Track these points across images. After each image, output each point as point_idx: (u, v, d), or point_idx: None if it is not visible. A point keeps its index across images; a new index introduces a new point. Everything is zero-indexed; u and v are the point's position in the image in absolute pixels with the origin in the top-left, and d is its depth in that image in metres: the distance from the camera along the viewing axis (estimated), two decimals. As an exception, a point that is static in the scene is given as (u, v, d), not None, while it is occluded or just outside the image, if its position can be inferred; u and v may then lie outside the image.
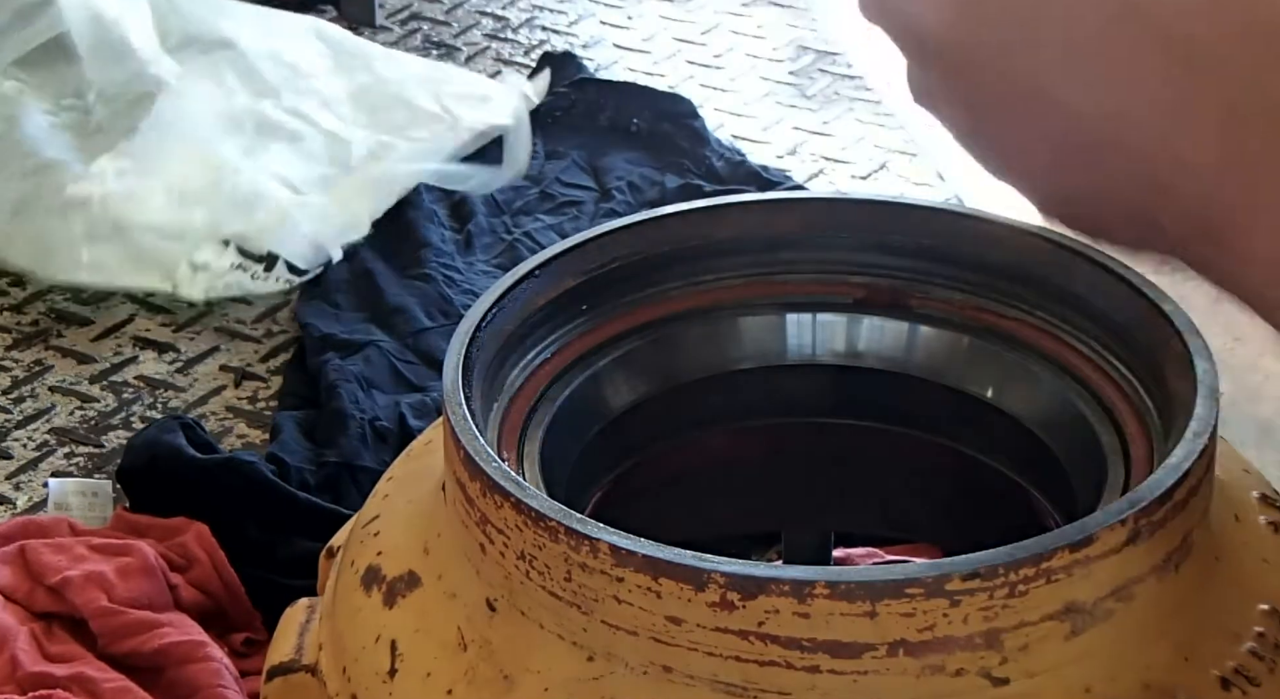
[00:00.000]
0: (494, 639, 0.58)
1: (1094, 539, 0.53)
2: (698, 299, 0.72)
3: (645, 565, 0.53)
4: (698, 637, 0.54)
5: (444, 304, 1.33)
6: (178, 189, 1.38)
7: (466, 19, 1.81)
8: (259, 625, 1.04)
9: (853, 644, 0.53)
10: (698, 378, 0.72)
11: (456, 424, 0.59)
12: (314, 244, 1.37)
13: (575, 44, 1.76)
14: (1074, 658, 0.54)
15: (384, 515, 0.65)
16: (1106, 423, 0.66)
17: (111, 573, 1.00)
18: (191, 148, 1.41)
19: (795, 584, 0.52)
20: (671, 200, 1.39)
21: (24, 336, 1.34)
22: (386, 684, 0.59)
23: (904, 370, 0.72)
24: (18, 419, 1.25)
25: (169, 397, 1.28)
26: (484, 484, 0.57)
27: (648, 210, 0.72)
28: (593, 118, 1.59)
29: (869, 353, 0.73)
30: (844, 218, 0.72)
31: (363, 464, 1.15)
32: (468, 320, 0.65)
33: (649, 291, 0.72)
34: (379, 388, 1.24)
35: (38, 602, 1.00)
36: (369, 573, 0.62)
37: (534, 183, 1.50)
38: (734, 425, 0.74)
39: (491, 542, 0.57)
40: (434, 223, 1.43)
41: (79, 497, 1.13)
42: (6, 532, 1.06)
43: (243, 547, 1.07)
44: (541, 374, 0.68)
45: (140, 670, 0.96)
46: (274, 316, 1.36)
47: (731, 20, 1.82)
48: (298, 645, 0.65)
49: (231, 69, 1.53)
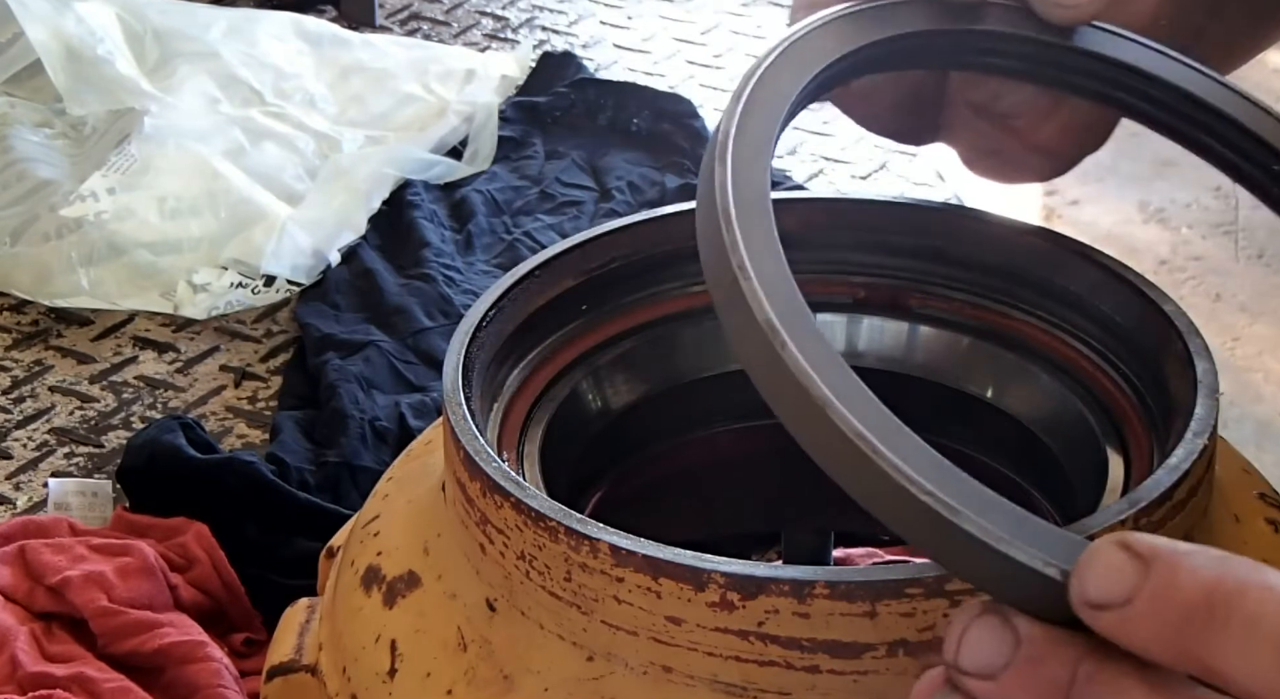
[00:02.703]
0: (494, 639, 0.58)
1: (1094, 539, 0.53)
2: (698, 299, 0.72)
3: (645, 565, 0.53)
4: (698, 637, 0.54)
5: (444, 304, 1.33)
6: (170, 204, 1.39)
7: (466, 19, 1.81)
8: (259, 625, 1.04)
9: (853, 644, 0.53)
10: (698, 378, 0.72)
11: (456, 424, 0.59)
12: (312, 254, 1.37)
13: (575, 44, 1.76)
14: (1074, 658, 0.54)
15: (384, 515, 0.65)
16: (1106, 423, 0.66)
17: (111, 573, 1.00)
18: (180, 161, 1.41)
19: (795, 584, 0.52)
20: (671, 200, 1.40)
21: (24, 336, 1.34)
22: (386, 684, 0.59)
23: (904, 370, 0.72)
24: (18, 419, 1.25)
25: (169, 397, 1.28)
26: (484, 484, 0.57)
27: (648, 210, 0.72)
28: (593, 118, 1.59)
29: (869, 353, 0.73)
30: (844, 218, 0.72)
31: (363, 464, 1.15)
32: (468, 320, 0.65)
33: (649, 291, 0.72)
34: (379, 388, 1.24)
35: (38, 602, 1.00)
36: (369, 573, 0.62)
37: (534, 183, 1.50)
38: (734, 425, 0.74)
39: (491, 542, 0.57)
40: (434, 223, 1.43)
41: (79, 497, 1.13)
42: (6, 532, 1.05)
43: (243, 547, 1.07)
44: (541, 374, 0.69)
45: (140, 670, 0.96)
46: (274, 317, 1.36)
47: (731, 20, 1.82)
48: (298, 645, 0.65)
49: (213, 79, 1.53)
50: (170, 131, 1.44)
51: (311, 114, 1.53)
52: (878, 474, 0.45)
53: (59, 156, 1.46)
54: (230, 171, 1.42)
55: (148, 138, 1.43)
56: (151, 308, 1.36)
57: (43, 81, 1.51)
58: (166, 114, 1.46)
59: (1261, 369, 1.29)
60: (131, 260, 1.36)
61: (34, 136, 1.48)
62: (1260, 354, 1.28)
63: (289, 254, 1.37)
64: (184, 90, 1.51)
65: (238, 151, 1.46)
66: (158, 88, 1.50)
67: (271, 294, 1.37)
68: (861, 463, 0.45)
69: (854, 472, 0.45)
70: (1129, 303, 0.65)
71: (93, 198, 1.39)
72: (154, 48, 1.56)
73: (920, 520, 0.45)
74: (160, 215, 1.38)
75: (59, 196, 1.39)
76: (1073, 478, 0.67)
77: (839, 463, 0.46)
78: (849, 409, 0.46)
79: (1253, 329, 1.38)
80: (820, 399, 0.46)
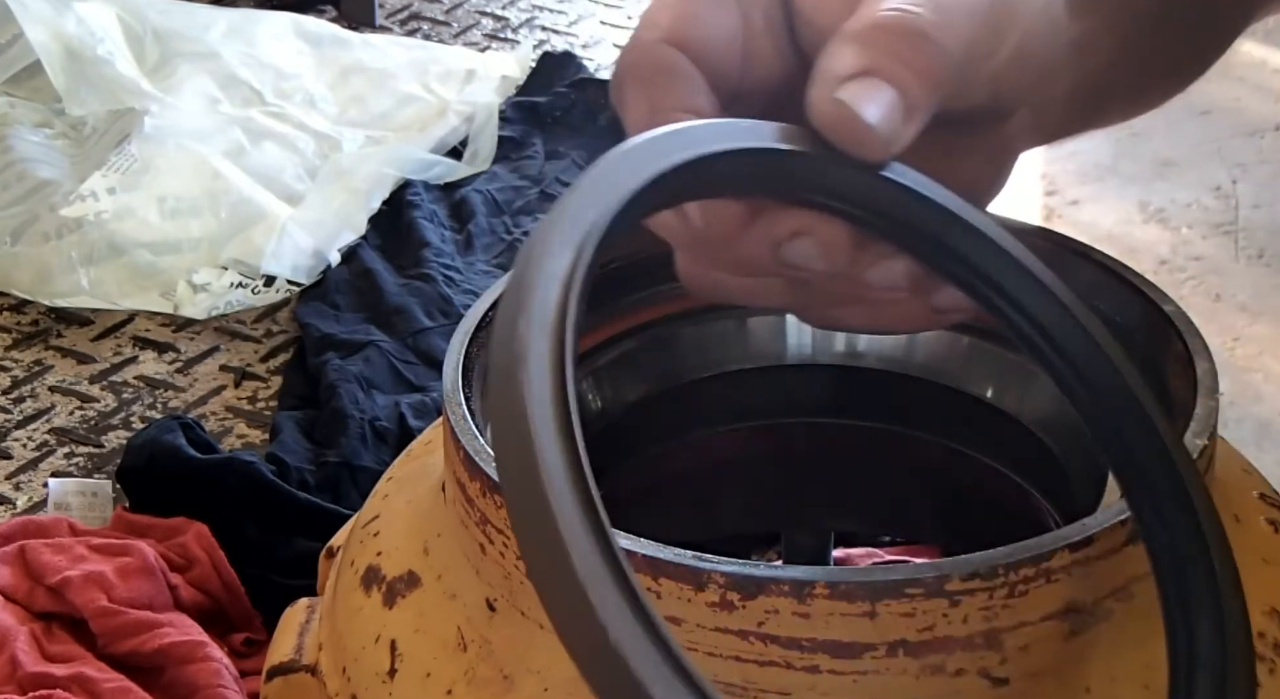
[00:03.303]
0: (494, 639, 0.58)
1: (1094, 539, 0.53)
2: (697, 299, 0.72)
3: (645, 565, 0.53)
4: (698, 637, 0.54)
5: (444, 304, 1.33)
6: (170, 204, 1.39)
7: (466, 19, 1.81)
8: (259, 625, 1.04)
9: (853, 644, 0.53)
10: (698, 378, 0.72)
11: (456, 424, 0.59)
12: (312, 254, 1.38)
13: (575, 44, 1.76)
14: (1074, 658, 0.54)
15: (384, 515, 0.65)
16: (1106, 423, 0.65)
17: (111, 573, 1.00)
18: (180, 161, 1.42)
19: (795, 584, 0.52)
20: (671, 200, 1.39)
21: (24, 336, 1.34)
22: (386, 684, 0.59)
23: (904, 370, 0.72)
24: (18, 419, 1.25)
25: (169, 397, 1.28)
26: (484, 484, 0.57)
27: (648, 210, 0.72)
28: (593, 118, 1.59)
29: (869, 353, 0.73)
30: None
31: (363, 464, 1.15)
32: (468, 320, 0.65)
33: (649, 291, 0.72)
34: (379, 388, 1.24)
35: (38, 602, 1.00)
36: (369, 573, 0.62)
37: (534, 183, 1.50)
38: (734, 425, 0.74)
39: (491, 542, 0.57)
40: (434, 223, 1.43)
41: (79, 497, 1.13)
42: (6, 532, 1.06)
43: (243, 547, 1.07)
44: (541, 374, 0.68)
45: (140, 670, 0.96)
46: (274, 317, 1.36)
47: (731, 20, 1.82)
48: (298, 645, 0.65)
49: (213, 79, 1.54)
50: (170, 131, 1.44)
51: (311, 114, 1.53)
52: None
53: (59, 156, 1.46)
54: (230, 171, 1.42)
55: (148, 138, 1.43)
56: (151, 308, 1.36)
57: (43, 81, 1.51)
58: (166, 114, 1.46)
59: (1261, 369, 1.29)
60: (131, 260, 1.36)
61: (34, 136, 1.48)
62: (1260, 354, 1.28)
63: (289, 254, 1.37)
64: (184, 90, 1.51)
65: (238, 151, 1.46)
66: (158, 88, 1.50)
67: (271, 294, 1.37)
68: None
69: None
70: (1129, 303, 0.65)
71: (93, 198, 1.39)
72: (154, 48, 1.56)
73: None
74: (160, 215, 1.38)
75: (59, 196, 1.39)
76: (1073, 478, 0.67)
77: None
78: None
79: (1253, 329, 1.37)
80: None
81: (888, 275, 0.53)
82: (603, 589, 0.39)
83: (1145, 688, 0.55)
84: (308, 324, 1.32)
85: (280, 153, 1.48)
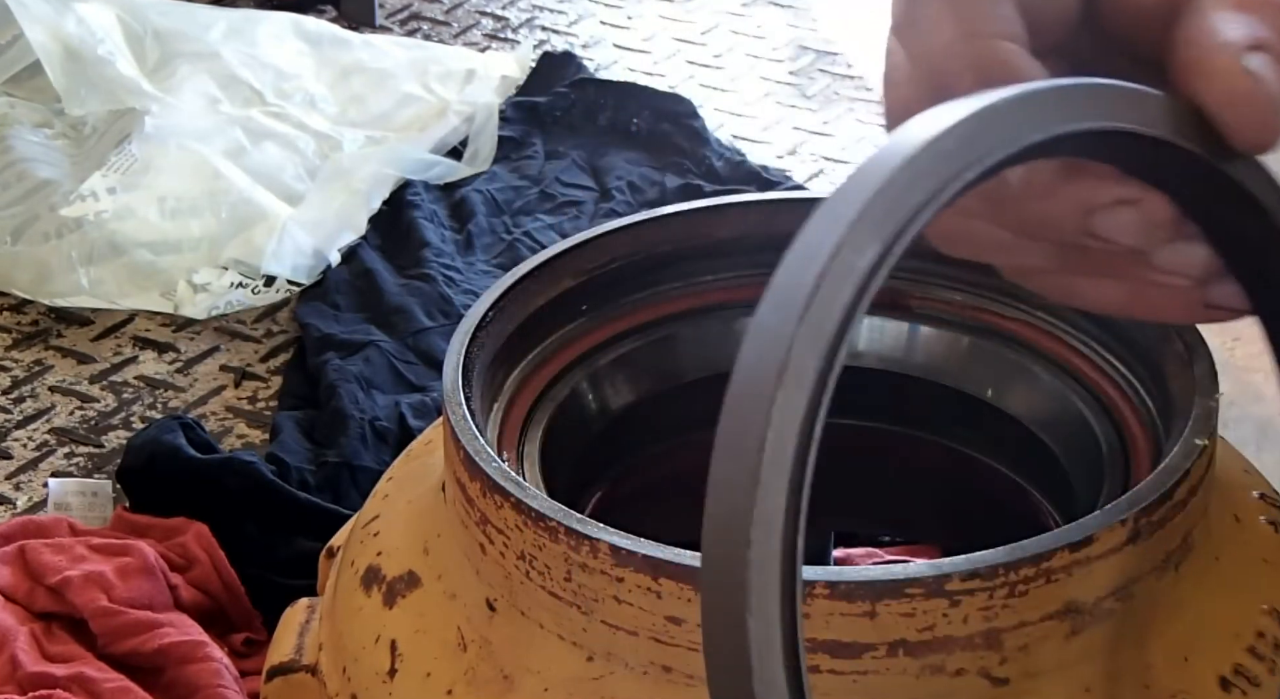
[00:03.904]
0: (494, 639, 0.58)
1: (1094, 539, 0.53)
2: (698, 299, 0.72)
3: (645, 565, 0.53)
4: (698, 637, 0.53)
5: (444, 304, 1.33)
6: (170, 204, 1.39)
7: (466, 19, 1.81)
8: (259, 625, 1.04)
9: (853, 644, 0.53)
10: (698, 378, 0.72)
11: (456, 424, 0.59)
12: (312, 254, 1.38)
13: (575, 44, 1.76)
14: (1074, 658, 0.54)
15: (384, 515, 0.65)
16: (1106, 423, 0.66)
17: (111, 573, 1.00)
18: (180, 161, 1.42)
19: (795, 584, 0.52)
20: (671, 200, 1.39)
21: (24, 336, 1.34)
22: (386, 684, 0.59)
23: (904, 370, 0.72)
24: (18, 419, 1.25)
25: (169, 397, 1.28)
26: (484, 484, 0.57)
27: (648, 210, 0.72)
28: (593, 118, 1.59)
29: (869, 353, 0.73)
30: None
31: (363, 464, 1.15)
32: (468, 320, 0.65)
33: (649, 291, 0.72)
34: (379, 388, 1.24)
35: (38, 602, 1.00)
36: (369, 573, 0.62)
37: (534, 183, 1.50)
38: (734, 425, 0.74)
39: (491, 542, 0.57)
40: (434, 223, 1.43)
41: (79, 497, 1.13)
42: (6, 532, 1.06)
43: (243, 547, 1.07)
44: (541, 374, 0.68)
45: (140, 670, 0.96)
46: (274, 317, 1.36)
47: (731, 20, 1.82)
48: (298, 645, 0.65)
49: (214, 79, 1.54)
50: (170, 131, 1.44)
51: (311, 114, 1.53)
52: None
53: (59, 156, 1.46)
54: (230, 171, 1.42)
55: (148, 138, 1.43)
56: (151, 308, 1.36)
57: (43, 81, 1.51)
58: (167, 114, 1.46)
59: (1261, 369, 1.29)
60: (131, 260, 1.36)
61: (34, 136, 1.48)
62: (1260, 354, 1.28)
63: (289, 254, 1.37)
64: (184, 90, 1.51)
65: (238, 151, 1.46)
66: (158, 88, 1.50)
67: (271, 294, 1.37)
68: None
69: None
70: (1129, 303, 0.65)
71: (93, 197, 1.39)
72: (154, 48, 1.56)
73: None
74: (160, 215, 1.38)
75: (59, 196, 1.39)
76: (1073, 478, 0.67)
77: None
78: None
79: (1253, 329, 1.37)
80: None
81: (1185, 259, 0.48)
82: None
83: (1145, 688, 0.55)
84: (308, 324, 1.32)
85: (280, 153, 1.48)
